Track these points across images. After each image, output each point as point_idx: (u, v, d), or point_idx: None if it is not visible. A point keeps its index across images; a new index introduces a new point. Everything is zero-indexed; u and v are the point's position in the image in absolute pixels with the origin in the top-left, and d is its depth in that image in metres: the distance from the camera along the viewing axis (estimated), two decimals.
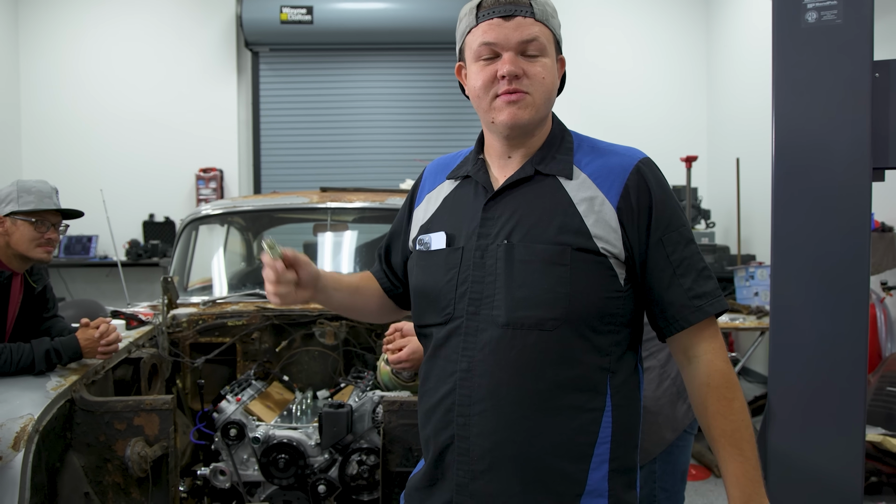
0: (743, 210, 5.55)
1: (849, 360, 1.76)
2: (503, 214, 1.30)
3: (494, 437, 1.24)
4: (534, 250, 1.25)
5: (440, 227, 1.37)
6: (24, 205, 2.21)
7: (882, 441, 3.31)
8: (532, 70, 1.26)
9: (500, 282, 1.26)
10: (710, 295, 1.28)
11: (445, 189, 1.42)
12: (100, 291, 6.54)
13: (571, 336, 1.24)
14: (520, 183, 1.31)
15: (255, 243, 4.04)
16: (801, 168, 1.80)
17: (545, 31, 1.27)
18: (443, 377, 1.30)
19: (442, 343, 1.31)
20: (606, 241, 1.25)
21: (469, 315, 1.27)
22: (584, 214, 1.26)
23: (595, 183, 1.29)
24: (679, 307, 1.27)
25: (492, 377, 1.24)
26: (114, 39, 6.86)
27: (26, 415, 1.87)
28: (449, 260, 1.32)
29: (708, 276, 1.30)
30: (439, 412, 1.30)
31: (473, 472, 1.26)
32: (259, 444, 2.30)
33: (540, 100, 1.27)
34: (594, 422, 1.26)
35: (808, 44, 1.78)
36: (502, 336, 1.24)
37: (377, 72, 7.04)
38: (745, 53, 6.07)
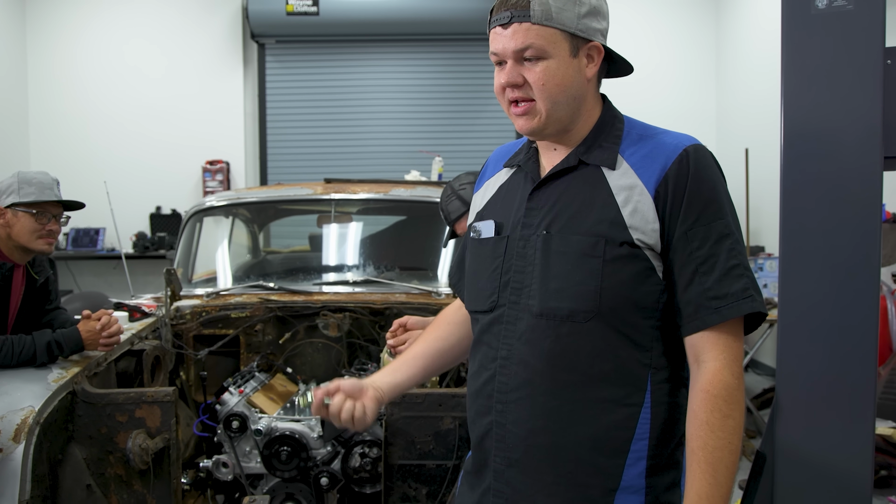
0: (752, 201, 5.51)
1: (859, 353, 1.73)
2: (546, 204, 1.29)
3: (528, 425, 1.25)
4: (569, 241, 1.24)
5: (491, 215, 1.38)
6: (24, 196, 2.20)
7: (892, 434, 3.28)
8: (531, 77, 1.23)
9: (536, 272, 1.26)
10: (733, 297, 1.18)
11: (502, 177, 1.42)
12: (107, 284, 6.56)
13: (605, 329, 1.22)
14: (565, 172, 1.30)
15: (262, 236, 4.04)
16: (810, 158, 1.77)
17: (546, 32, 1.22)
18: (485, 363, 1.31)
19: (486, 330, 1.32)
20: (642, 233, 1.21)
21: (510, 304, 1.28)
22: (621, 205, 1.23)
23: (636, 172, 1.25)
24: (695, 307, 1.20)
25: (527, 366, 1.25)
26: (120, 32, 6.85)
27: (27, 407, 1.87)
28: (496, 249, 1.33)
29: (738, 276, 1.19)
30: (481, 398, 1.32)
31: (509, 459, 1.27)
32: (261, 437, 2.29)
33: (546, 105, 1.24)
34: (632, 417, 1.23)
35: (818, 30, 1.74)
36: (536, 325, 1.24)
37: (383, 63, 7.01)
38: (754, 41, 6.00)
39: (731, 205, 1.26)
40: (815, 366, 1.77)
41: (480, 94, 6.90)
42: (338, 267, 3.33)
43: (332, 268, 3.35)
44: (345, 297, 2.86)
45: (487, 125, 6.87)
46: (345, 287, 3.02)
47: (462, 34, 6.78)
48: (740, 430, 1.18)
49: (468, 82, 6.92)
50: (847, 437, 1.74)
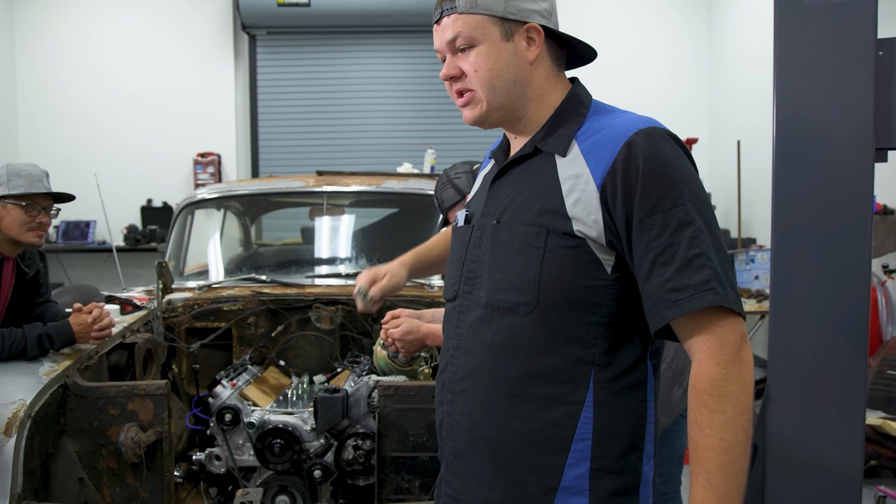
0: (743, 193, 5.52)
1: (849, 344, 1.74)
2: (502, 194, 1.28)
3: (471, 417, 1.25)
4: (513, 231, 1.21)
5: (469, 205, 1.40)
6: (14, 188, 2.19)
7: (882, 424, 3.30)
8: (465, 66, 1.24)
9: (486, 263, 1.25)
10: (694, 288, 1.08)
11: (487, 168, 1.43)
12: (98, 277, 6.53)
13: (546, 323, 1.17)
14: (522, 160, 1.28)
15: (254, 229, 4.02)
16: (802, 149, 1.77)
17: (472, 19, 1.20)
18: (444, 353, 1.32)
19: (447, 318, 1.33)
20: (584, 224, 1.15)
21: (463, 294, 1.29)
22: (566, 194, 1.17)
23: (585, 159, 1.18)
24: (655, 301, 1.11)
25: (472, 357, 1.24)
26: (110, 23, 6.80)
27: (18, 400, 1.86)
28: (461, 238, 1.34)
29: (700, 266, 1.09)
30: (439, 386, 1.33)
31: (456, 450, 1.28)
32: (254, 429, 2.29)
33: (484, 91, 1.23)
34: (572, 415, 1.18)
35: (810, 22, 1.74)
36: (482, 317, 1.23)
37: (375, 55, 6.99)
38: (746, 33, 6.01)
39: (694, 189, 1.14)
40: (806, 357, 1.78)
41: None
42: (330, 259, 3.32)
43: (324, 260, 3.34)
44: (337, 289, 2.86)
45: None
46: (337, 280, 3.02)
47: None
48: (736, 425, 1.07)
49: None
50: (837, 427, 1.76)
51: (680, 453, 2.21)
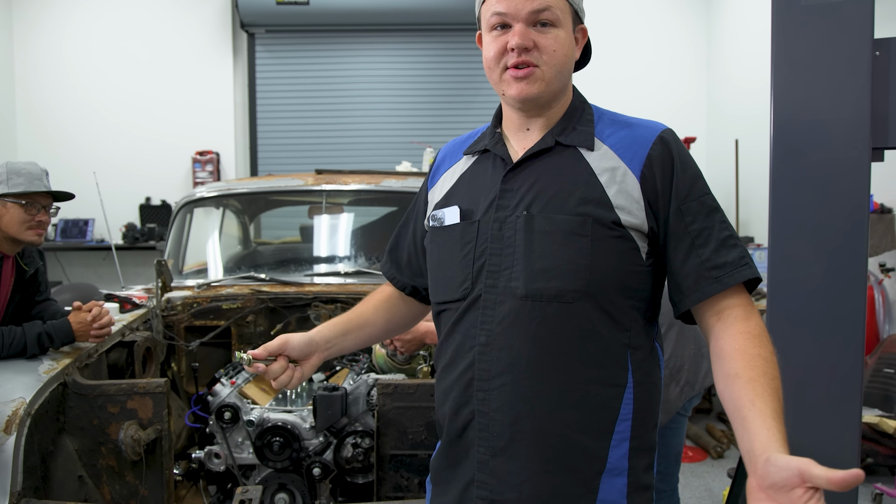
0: (741, 192, 5.54)
1: (846, 342, 1.75)
2: (523, 186, 1.28)
3: (514, 411, 1.22)
4: (554, 220, 1.22)
5: (455, 202, 1.35)
6: (13, 187, 2.19)
7: (879, 422, 3.31)
8: (543, 42, 1.23)
9: (518, 253, 1.23)
10: (732, 265, 1.21)
11: (462, 166, 1.41)
12: (97, 275, 6.53)
13: (592, 309, 1.21)
14: (540, 154, 1.29)
15: (253, 227, 4.02)
16: (799, 148, 1.78)
17: (560, 1, 1.25)
18: (462, 352, 1.28)
19: (460, 318, 1.29)
20: (629, 213, 1.22)
21: (487, 288, 1.25)
22: (605, 185, 1.23)
23: (617, 154, 1.26)
24: (695, 278, 1.21)
25: (511, 350, 1.22)
26: (109, 21, 6.79)
27: (18, 398, 1.87)
28: (464, 234, 1.31)
29: (732, 245, 1.23)
30: (458, 388, 1.28)
31: (494, 448, 1.25)
32: (254, 428, 2.29)
33: (551, 73, 1.25)
34: (616, 397, 1.23)
35: (807, 22, 1.75)
36: (521, 308, 1.22)
37: (374, 54, 6.99)
38: (745, 33, 6.02)
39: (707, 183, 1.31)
40: (804, 354, 1.78)
41: (471, 85, 6.89)
42: (329, 258, 3.33)
43: (323, 259, 3.34)
44: (336, 288, 2.86)
45: (478, 116, 6.86)
46: (336, 278, 3.02)
47: (453, 25, 6.76)
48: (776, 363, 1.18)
49: (459, 73, 6.91)
50: (834, 424, 1.76)
51: (677, 451, 2.21)
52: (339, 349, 1.40)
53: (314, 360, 1.34)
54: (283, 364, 1.32)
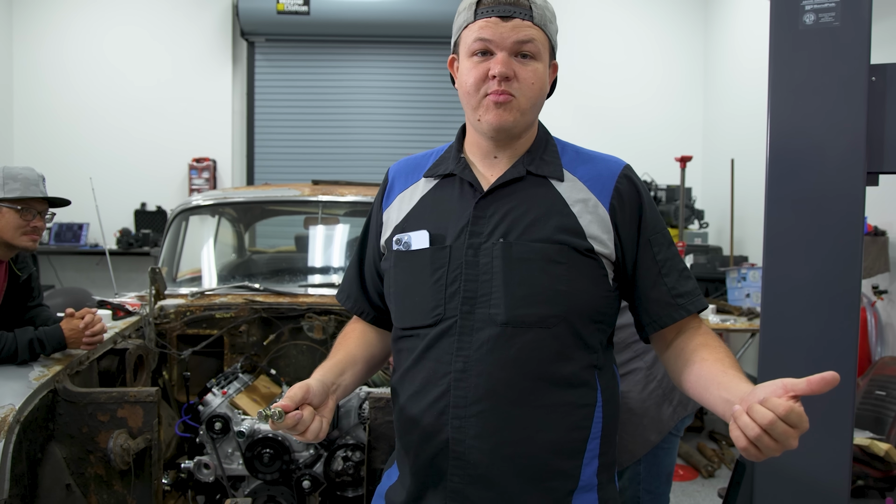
0: (736, 211, 5.55)
1: (838, 363, 1.75)
2: (496, 213, 1.29)
3: (493, 438, 1.23)
4: (532, 248, 1.25)
5: (420, 225, 1.33)
6: (9, 192, 2.18)
7: (870, 444, 3.31)
8: (523, 73, 1.25)
9: (497, 280, 1.24)
10: (691, 294, 1.33)
11: (421, 188, 1.39)
12: (90, 280, 6.51)
13: (567, 333, 1.25)
14: (511, 182, 1.31)
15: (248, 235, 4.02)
16: (795, 170, 1.79)
17: (542, 35, 1.27)
18: (434, 379, 1.26)
19: (432, 345, 1.27)
20: (601, 242, 1.28)
21: (463, 314, 1.25)
22: (578, 215, 1.28)
23: (586, 185, 1.31)
24: (663, 305, 1.32)
25: (490, 377, 1.22)
26: (108, 27, 6.81)
27: (7, 405, 1.85)
28: (435, 259, 1.29)
29: (688, 277, 1.35)
30: (430, 416, 1.26)
31: (471, 476, 1.24)
32: (244, 439, 2.28)
33: (526, 104, 1.27)
34: (588, 417, 1.28)
35: (805, 46, 1.76)
36: (501, 334, 1.23)
37: (373, 64, 7.01)
38: (742, 54, 6.06)
39: None
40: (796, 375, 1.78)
41: None
42: (324, 269, 3.32)
43: (317, 269, 3.34)
44: (330, 299, 2.86)
45: None
46: (330, 289, 3.02)
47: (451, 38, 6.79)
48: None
49: None
50: (825, 446, 1.76)
51: (669, 471, 2.21)
52: (343, 390, 1.34)
53: (331, 404, 1.24)
54: (311, 412, 1.17)
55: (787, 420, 0.95)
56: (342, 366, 1.37)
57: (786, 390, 0.97)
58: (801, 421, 0.96)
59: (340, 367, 1.37)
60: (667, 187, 5.96)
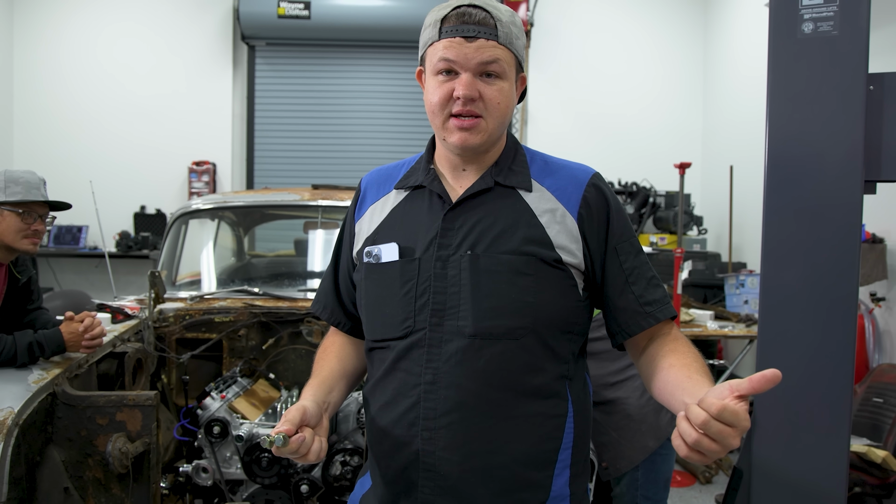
0: (735, 218, 5.57)
1: (836, 370, 1.76)
2: (464, 225, 1.29)
3: (463, 449, 1.23)
4: (499, 260, 1.25)
5: (390, 238, 1.34)
6: (11, 195, 2.19)
7: (867, 452, 3.31)
8: (488, 93, 1.24)
9: (465, 292, 1.24)
10: (660, 302, 1.32)
11: (392, 199, 1.39)
12: (88, 282, 6.50)
13: (536, 344, 1.25)
14: (479, 194, 1.31)
15: (247, 239, 4.02)
16: (793, 178, 1.79)
17: (507, 54, 1.25)
18: (404, 391, 1.26)
19: (402, 356, 1.27)
20: (568, 252, 1.27)
21: (432, 326, 1.25)
22: (546, 225, 1.28)
23: (554, 195, 1.31)
24: (631, 313, 1.31)
25: (459, 388, 1.22)
26: (109, 30, 6.82)
27: (6, 408, 1.85)
28: (404, 271, 1.29)
29: (657, 285, 1.34)
30: (400, 428, 1.26)
31: (441, 487, 1.24)
32: (242, 443, 2.28)
33: (492, 124, 1.27)
34: (559, 427, 1.27)
35: (803, 54, 1.77)
36: (469, 346, 1.23)
37: (373, 69, 7.03)
38: (741, 62, 6.08)
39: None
40: (793, 382, 1.79)
41: None
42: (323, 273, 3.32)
43: (317, 274, 3.35)
44: None
45: None
46: None
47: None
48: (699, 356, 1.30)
49: None
50: (822, 453, 1.77)
51: (667, 477, 2.21)
52: (333, 407, 1.35)
53: (325, 423, 1.25)
54: (311, 434, 1.18)
55: (722, 418, 0.93)
56: (329, 384, 1.37)
57: (731, 391, 0.96)
58: (737, 419, 0.93)
59: (327, 385, 1.37)
60: (666, 193, 5.97)
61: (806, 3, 1.76)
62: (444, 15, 1.26)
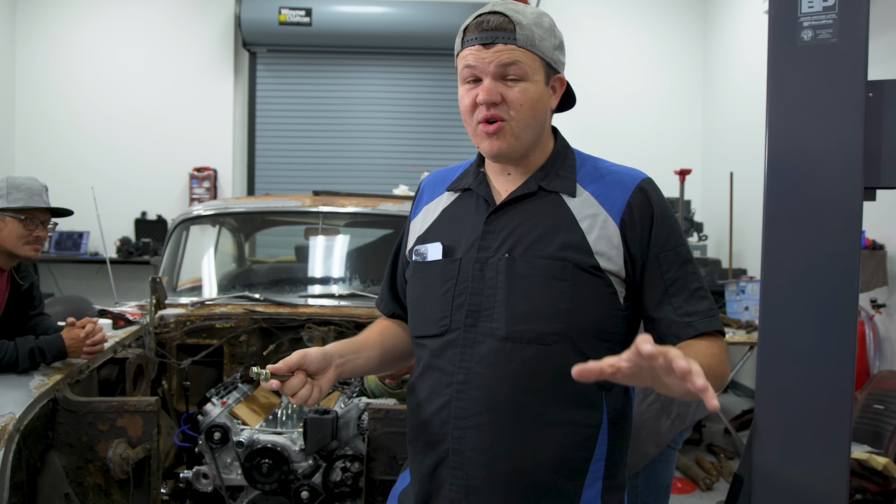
0: (735, 224, 5.57)
1: (836, 377, 1.75)
2: (505, 228, 1.30)
3: (490, 451, 1.24)
4: (535, 265, 1.25)
5: (437, 238, 1.37)
6: (13, 202, 2.19)
7: (868, 459, 3.31)
8: (510, 95, 1.25)
9: (500, 295, 1.25)
10: (702, 314, 1.27)
11: (444, 201, 1.42)
12: (89, 288, 6.51)
13: (570, 351, 1.23)
14: (522, 198, 1.32)
15: (248, 245, 4.03)
16: (793, 184, 1.80)
17: (529, 56, 1.26)
18: (438, 389, 1.29)
19: (438, 354, 1.30)
20: (608, 259, 1.26)
21: (467, 327, 1.27)
22: (586, 231, 1.27)
23: (598, 200, 1.30)
24: (668, 323, 1.27)
25: (489, 390, 1.23)
26: (111, 36, 6.84)
27: (7, 413, 1.85)
28: (446, 271, 1.32)
29: (702, 297, 1.29)
30: (434, 425, 1.29)
31: (468, 487, 1.25)
32: (243, 449, 2.28)
33: (519, 127, 1.27)
34: (591, 438, 1.26)
35: (802, 62, 1.78)
36: (501, 349, 1.24)
37: (374, 76, 7.05)
38: (740, 69, 6.10)
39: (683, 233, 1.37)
40: (793, 389, 1.79)
41: None
42: (324, 280, 3.33)
43: (317, 280, 3.35)
44: (330, 310, 2.86)
45: None
46: (330, 300, 3.02)
47: (453, 49, 6.81)
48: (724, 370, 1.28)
49: None
50: (823, 460, 1.76)
51: (666, 484, 2.21)
52: (352, 367, 1.37)
53: (331, 374, 1.28)
54: (301, 378, 1.23)
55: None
56: (358, 346, 1.41)
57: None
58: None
59: (356, 346, 1.40)
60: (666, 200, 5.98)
61: (805, 10, 1.77)
62: (466, 25, 1.29)
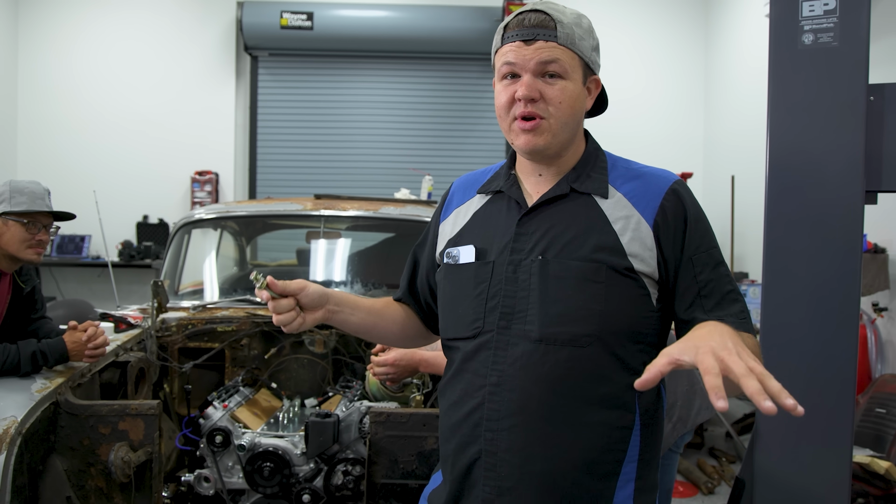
0: (737, 228, 5.56)
1: (838, 381, 1.76)
2: (538, 230, 1.30)
3: (523, 452, 1.24)
4: (568, 267, 1.25)
5: (469, 240, 1.38)
6: (16, 205, 2.20)
7: (870, 462, 3.30)
8: (549, 93, 1.26)
9: (533, 297, 1.26)
10: (734, 315, 1.25)
11: (475, 204, 1.43)
12: (91, 292, 6.51)
13: (603, 353, 1.24)
14: (554, 200, 1.32)
15: (249, 248, 4.03)
16: (794, 188, 1.80)
17: (569, 54, 1.27)
18: (471, 391, 1.29)
19: (470, 357, 1.30)
20: (641, 260, 1.26)
21: (500, 329, 1.27)
22: (619, 233, 1.27)
23: (631, 202, 1.30)
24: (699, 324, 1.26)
25: (522, 392, 1.24)
26: (113, 40, 6.85)
27: (9, 417, 1.86)
28: (479, 274, 1.33)
29: (734, 300, 1.28)
30: (466, 427, 1.29)
31: (500, 488, 1.26)
32: (244, 452, 2.28)
33: (557, 125, 1.28)
34: (623, 440, 1.26)
35: (804, 65, 1.78)
36: (534, 351, 1.24)
37: (376, 80, 7.05)
38: (742, 73, 6.10)
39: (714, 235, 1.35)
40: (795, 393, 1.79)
41: (472, 113, 6.95)
42: (325, 283, 3.33)
43: (319, 284, 3.34)
44: None
45: (478, 144, 6.92)
46: None
47: (454, 53, 6.83)
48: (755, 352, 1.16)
49: (460, 101, 6.97)
50: (825, 464, 1.77)
51: (668, 487, 2.21)
52: (343, 319, 1.41)
53: (319, 315, 1.35)
54: (291, 303, 1.30)
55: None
56: (359, 305, 1.45)
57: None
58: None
59: (357, 304, 1.45)
60: None
61: (806, 14, 1.77)
62: (507, 22, 1.30)
